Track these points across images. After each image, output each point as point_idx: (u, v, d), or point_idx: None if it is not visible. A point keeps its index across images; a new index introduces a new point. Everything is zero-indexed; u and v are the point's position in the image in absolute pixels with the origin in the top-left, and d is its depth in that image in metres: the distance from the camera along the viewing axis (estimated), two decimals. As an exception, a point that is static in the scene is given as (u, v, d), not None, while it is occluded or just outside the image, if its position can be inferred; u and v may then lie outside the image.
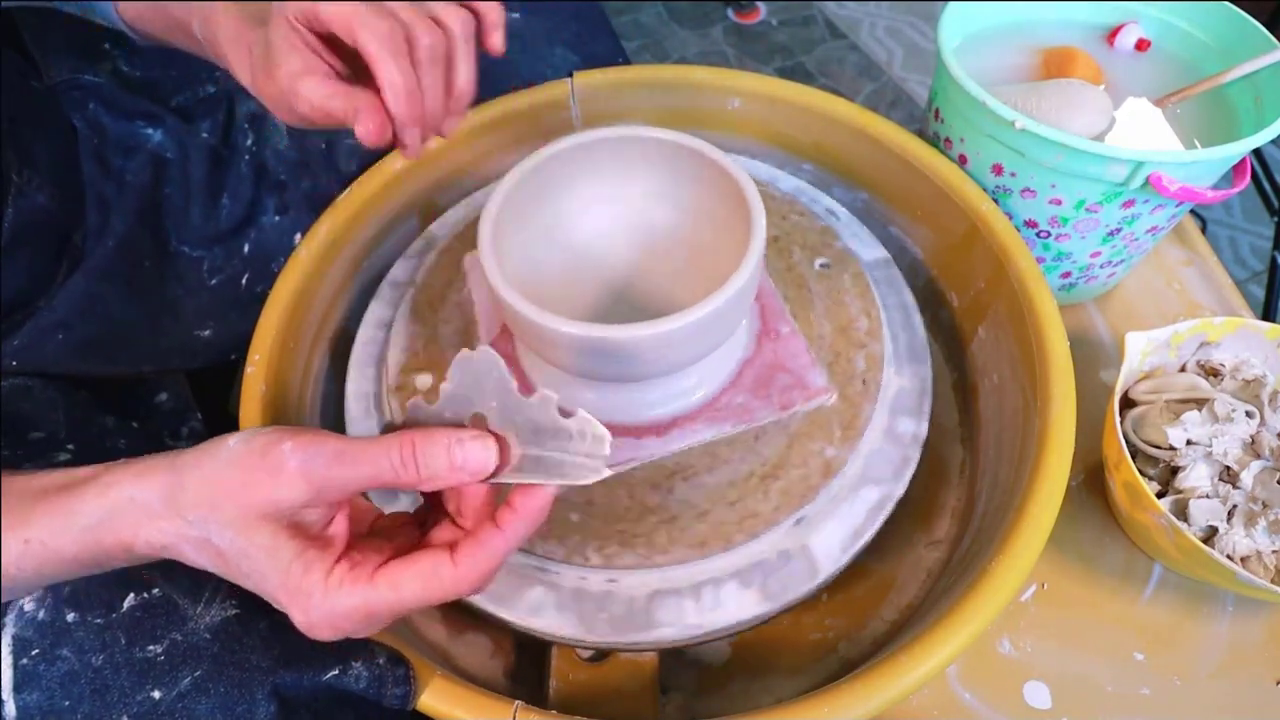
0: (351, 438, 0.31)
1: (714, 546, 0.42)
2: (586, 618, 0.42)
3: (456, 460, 0.31)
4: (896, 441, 0.47)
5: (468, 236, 0.55)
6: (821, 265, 0.52)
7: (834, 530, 0.44)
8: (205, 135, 0.60)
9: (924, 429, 0.47)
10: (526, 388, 0.47)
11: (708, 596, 0.42)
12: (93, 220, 0.56)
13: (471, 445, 0.31)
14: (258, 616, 0.36)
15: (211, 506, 0.30)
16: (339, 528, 0.32)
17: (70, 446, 0.43)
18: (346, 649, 0.36)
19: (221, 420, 0.59)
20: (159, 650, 0.33)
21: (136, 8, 0.51)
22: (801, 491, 0.43)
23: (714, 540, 0.42)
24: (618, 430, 0.45)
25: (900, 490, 0.45)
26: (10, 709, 0.32)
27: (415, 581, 0.31)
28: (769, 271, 0.52)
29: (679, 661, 0.50)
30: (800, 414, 0.46)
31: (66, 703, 0.32)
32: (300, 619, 0.30)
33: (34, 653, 0.33)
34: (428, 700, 0.37)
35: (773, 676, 0.50)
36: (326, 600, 0.30)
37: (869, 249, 0.56)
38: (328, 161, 0.61)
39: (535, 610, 0.42)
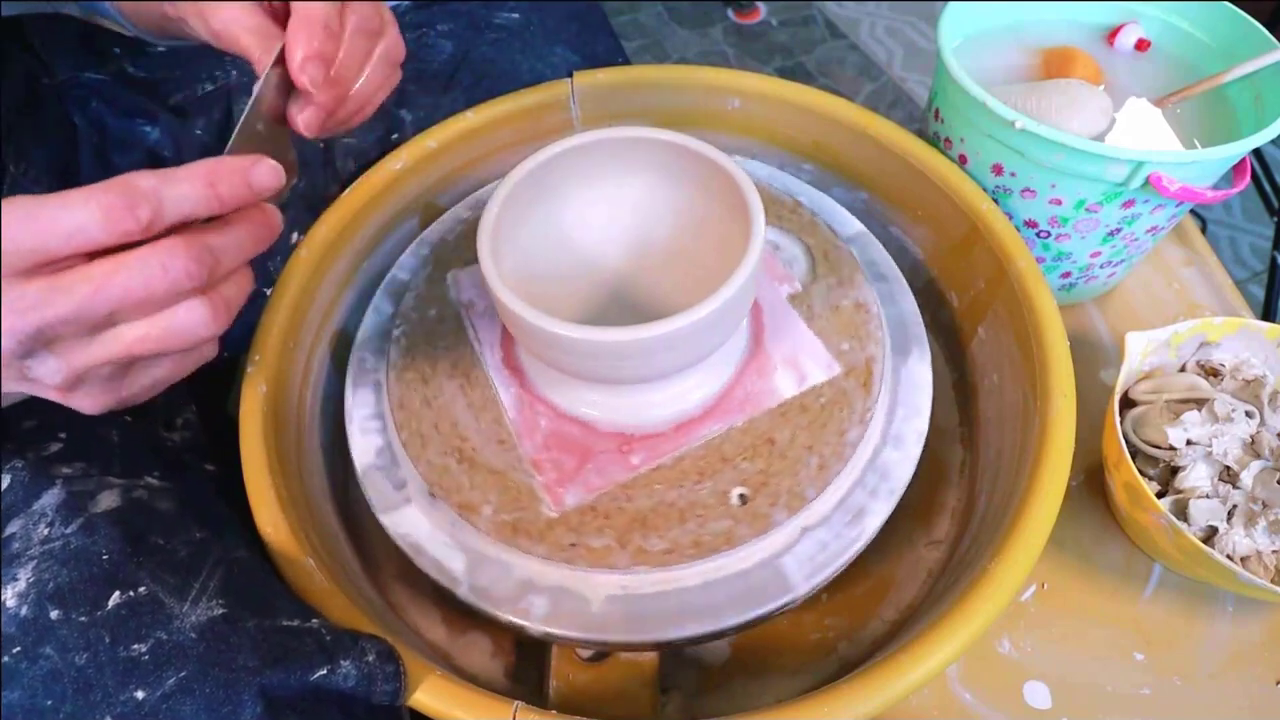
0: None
1: (721, 545, 0.42)
2: (598, 620, 0.42)
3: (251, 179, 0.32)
4: (898, 436, 0.47)
5: (467, 239, 0.55)
6: (819, 262, 0.52)
7: (839, 525, 0.44)
8: (200, 133, 0.60)
9: (925, 423, 0.47)
10: (526, 388, 0.47)
11: (803, 549, 0.43)
12: None
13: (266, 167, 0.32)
14: (245, 616, 0.35)
15: None
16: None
17: (62, 435, 0.43)
18: (335, 648, 0.36)
19: (217, 416, 0.59)
20: (144, 649, 0.33)
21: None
22: (808, 485, 0.43)
23: (721, 539, 0.42)
24: (622, 433, 0.45)
25: (903, 484, 0.45)
26: None
27: (20, 197, 0.28)
28: (766, 268, 0.52)
29: (679, 661, 0.50)
30: (803, 409, 0.46)
31: (49, 702, 0.32)
32: None
33: (15, 650, 0.32)
34: (427, 700, 0.37)
35: (773, 676, 0.50)
36: None
37: (866, 247, 0.56)
38: (325, 161, 0.61)
39: (546, 615, 0.42)
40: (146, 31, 0.53)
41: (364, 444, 0.48)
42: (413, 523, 0.45)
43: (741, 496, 0.43)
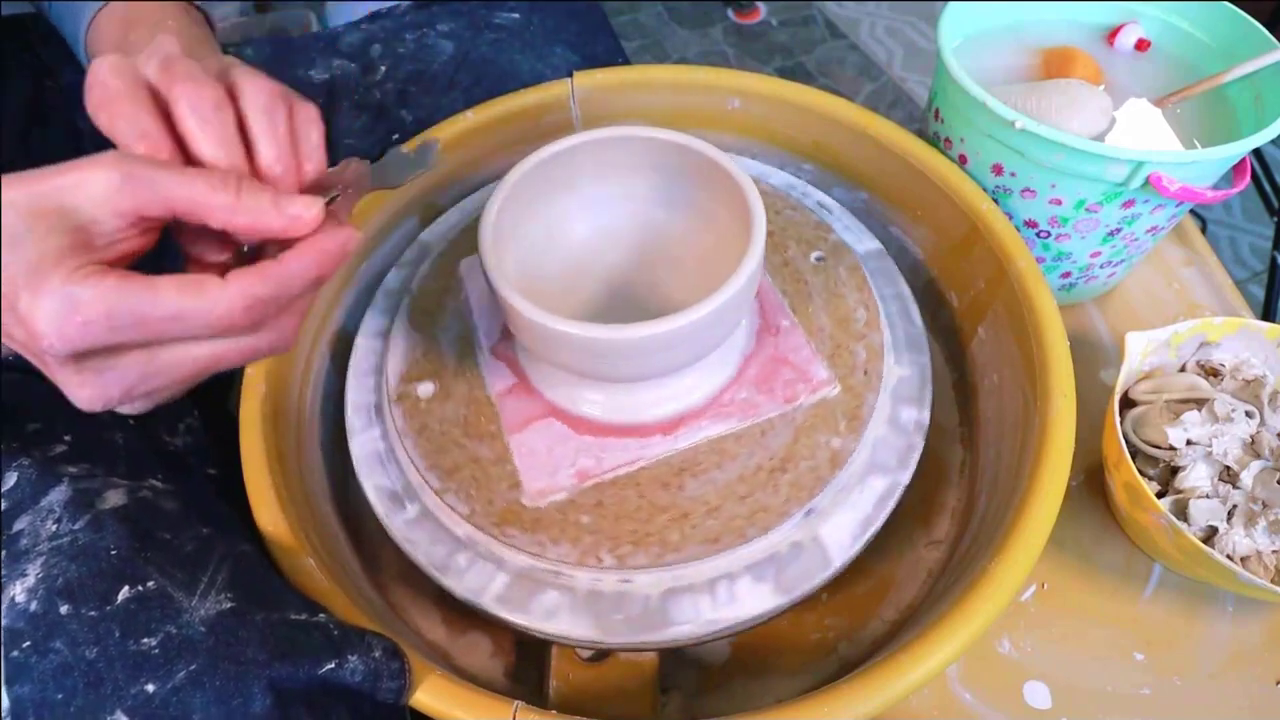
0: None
1: (726, 542, 0.42)
2: (602, 620, 0.42)
3: (282, 204, 0.31)
4: (900, 430, 0.47)
5: (465, 240, 0.55)
6: (817, 259, 0.52)
7: (844, 520, 0.44)
8: None
9: (926, 416, 0.47)
10: (527, 386, 0.47)
11: (722, 592, 0.42)
12: None
13: (302, 198, 0.31)
14: (253, 609, 0.36)
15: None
16: (129, 246, 0.31)
17: (67, 438, 0.43)
18: (343, 642, 0.36)
19: (220, 418, 0.59)
20: (153, 643, 0.33)
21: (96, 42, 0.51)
22: (810, 483, 0.43)
23: (726, 535, 0.42)
24: (623, 430, 0.45)
25: (906, 478, 0.45)
26: (4, 702, 0.32)
27: (172, 287, 0.28)
28: (766, 267, 0.52)
29: (679, 661, 0.50)
30: (804, 406, 0.46)
31: (59, 695, 0.32)
32: (26, 309, 0.28)
33: (25, 645, 0.33)
34: (428, 700, 0.37)
35: (773, 676, 0.50)
36: (64, 286, 0.27)
37: (862, 241, 0.56)
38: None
39: (550, 614, 0.42)
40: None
41: (364, 443, 0.48)
42: (412, 521, 0.45)
43: (750, 490, 0.43)
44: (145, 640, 0.33)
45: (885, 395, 0.47)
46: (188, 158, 0.33)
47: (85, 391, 0.31)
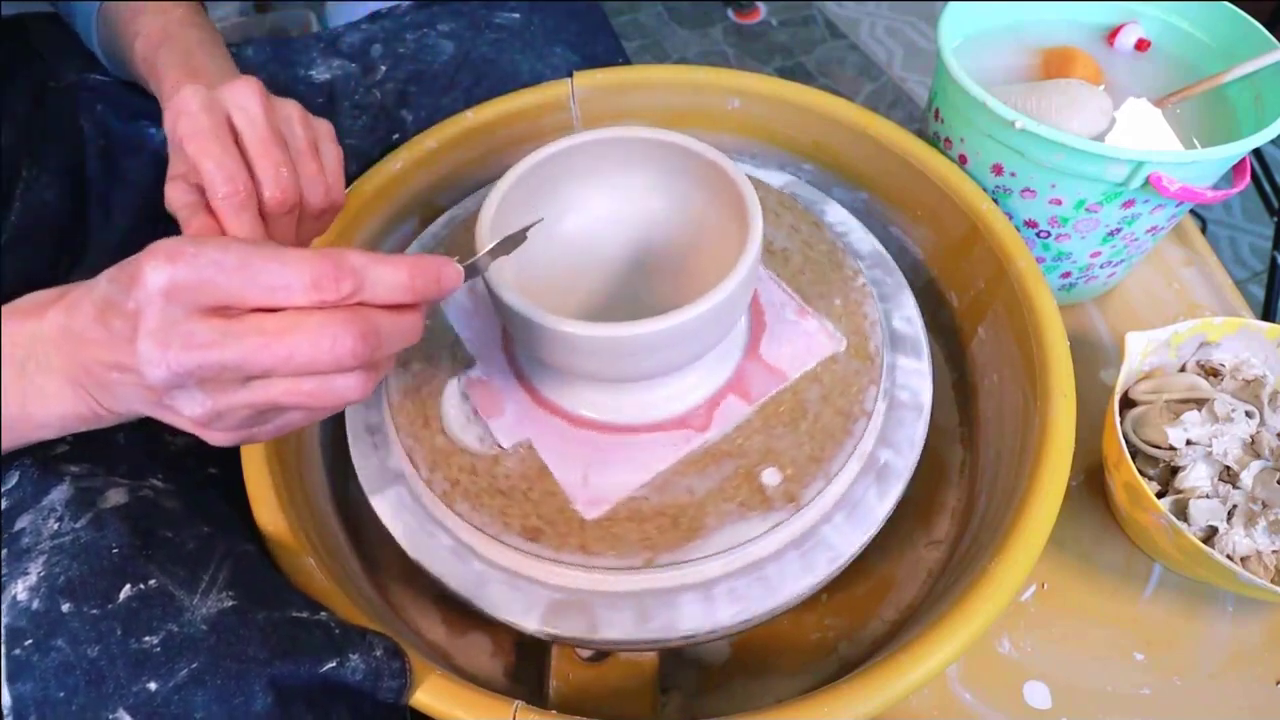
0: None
1: (724, 539, 0.41)
2: (600, 617, 0.41)
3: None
4: (900, 423, 0.46)
5: (465, 238, 0.55)
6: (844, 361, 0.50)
7: (846, 519, 0.44)
8: None
9: (923, 425, 0.47)
10: (526, 387, 0.47)
11: (721, 591, 0.42)
12: (95, 219, 0.56)
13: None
14: (254, 608, 0.36)
15: None
16: None
17: (68, 438, 0.43)
18: (344, 641, 0.36)
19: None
20: (155, 641, 0.33)
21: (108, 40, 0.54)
22: (812, 478, 0.43)
23: (724, 533, 0.41)
24: (620, 429, 0.45)
25: (908, 469, 0.45)
26: (5, 699, 0.32)
27: (235, 240, 0.29)
28: (768, 263, 0.52)
29: (679, 661, 0.50)
30: (809, 390, 0.46)
31: (61, 694, 0.32)
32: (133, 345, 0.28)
33: (27, 643, 0.33)
34: (428, 699, 0.37)
35: (773, 676, 0.50)
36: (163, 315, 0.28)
37: (865, 243, 0.56)
38: None
39: (539, 612, 0.42)
40: (108, 61, 0.56)
41: (363, 442, 0.48)
42: (412, 520, 0.45)
43: (750, 488, 0.43)
44: (147, 638, 0.33)
45: (884, 394, 0.47)
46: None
47: (208, 425, 0.31)
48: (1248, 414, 0.51)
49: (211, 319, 0.28)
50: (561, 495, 0.43)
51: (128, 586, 0.35)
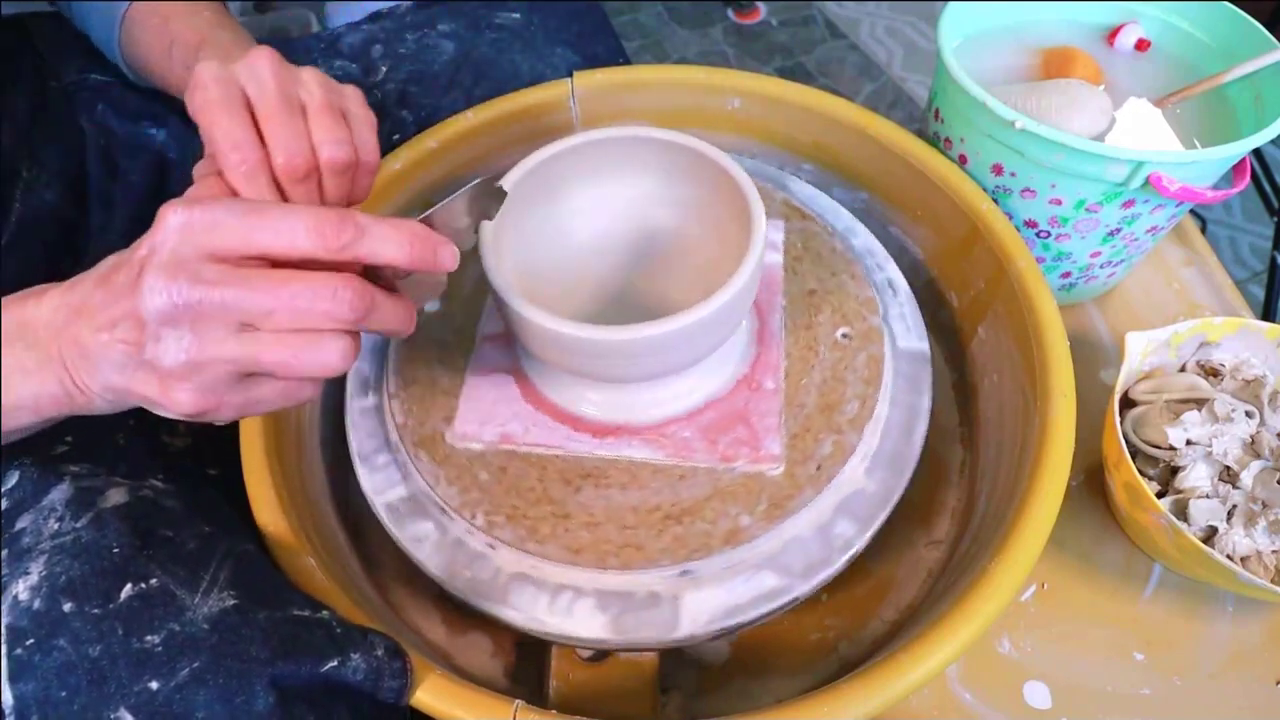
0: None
1: (587, 558, 0.41)
2: (454, 573, 0.43)
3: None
4: (825, 542, 0.43)
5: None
6: (842, 335, 0.49)
7: (711, 597, 0.42)
8: None
9: (862, 542, 0.43)
10: (526, 386, 0.47)
11: (563, 601, 0.42)
12: (96, 219, 0.56)
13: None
14: (256, 607, 0.36)
15: None
16: None
17: (69, 439, 0.43)
18: (346, 640, 0.36)
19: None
20: (157, 641, 0.33)
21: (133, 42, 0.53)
22: (696, 546, 0.41)
23: (590, 553, 0.41)
24: (562, 417, 0.45)
25: (804, 590, 0.42)
26: (7, 699, 0.32)
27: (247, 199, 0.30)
28: (787, 325, 0.49)
29: (679, 661, 0.50)
30: (737, 471, 0.44)
31: (63, 693, 0.32)
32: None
33: (29, 643, 0.33)
34: (428, 699, 0.37)
35: (773, 676, 0.50)
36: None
37: (909, 338, 0.51)
38: None
39: (417, 542, 0.44)
40: (131, 68, 0.56)
41: (363, 442, 0.48)
42: (410, 519, 0.45)
43: (637, 523, 0.42)
44: (148, 638, 0.33)
45: (828, 499, 0.44)
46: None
47: (183, 378, 0.31)
48: (1248, 414, 0.51)
49: (220, 263, 0.30)
50: (535, 487, 0.43)
51: (129, 586, 0.35)
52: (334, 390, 0.55)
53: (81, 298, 0.32)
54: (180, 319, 0.30)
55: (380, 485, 0.46)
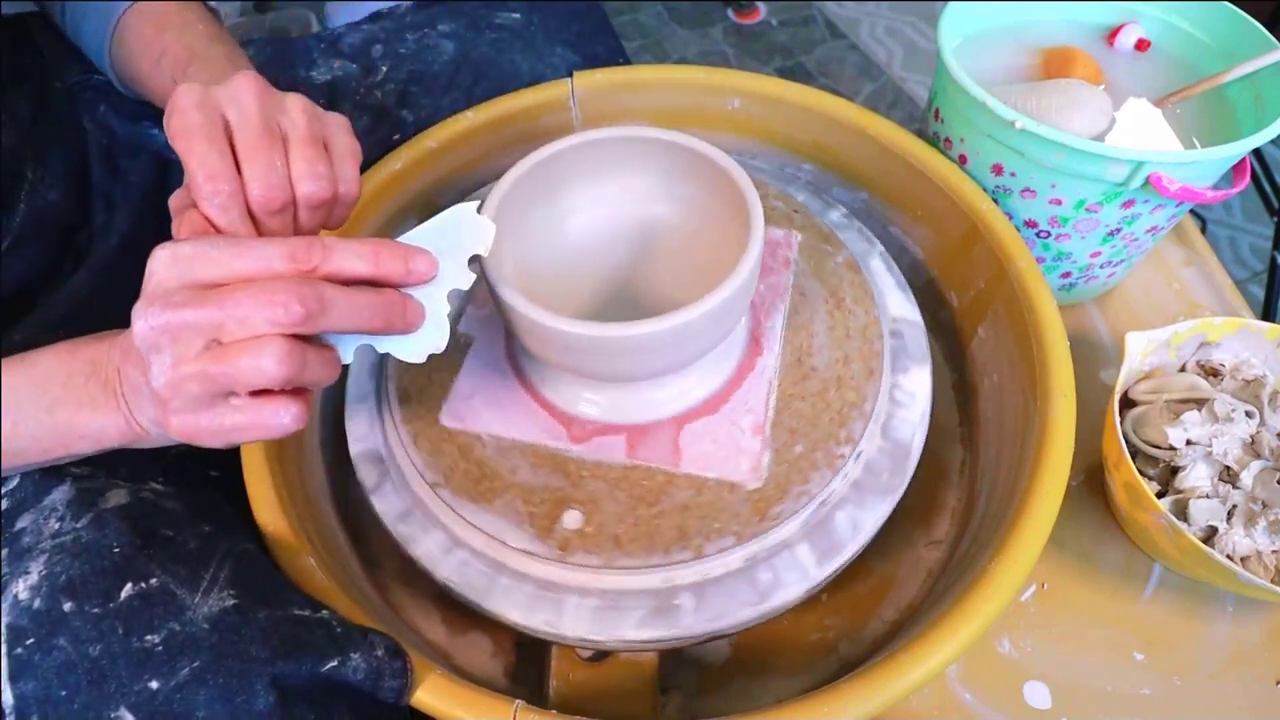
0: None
1: (586, 558, 0.42)
2: (450, 571, 0.43)
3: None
4: (822, 544, 0.43)
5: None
6: (843, 339, 0.48)
7: (708, 599, 0.41)
8: None
9: (860, 544, 0.43)
10: (527, 385, 0.47)
11: (560, 601, 0.42)
12: (98, 219, 0.56)
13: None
14: (256, 606, 0.36)
15: None
16: None
17: None
18: (346, 640, 0.36)
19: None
20: (157, 640, 0.33)
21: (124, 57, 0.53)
22: (694, 547, 0.41)
23: (589, 553, 0.42)
24: (623, 430, 0.45)
25: (803, 592, 0.42)
26: (7, 698, 0.32)
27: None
28: (787, 327, 0.49)
29: (679, 661, 0.50)
30: (732, 472, 0.43)
31: (63, 692, 0.32)
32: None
33: (29, 642, 0.33)
34: (428, 699, 0.37)
35: (773, 676, 0.50)
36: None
37: (924, 365, 0.50)
38: None
39: (375, 489, 0.45)
40: (120, 78, 0.55)
41: (363, 440, 0.48)
42: (410, 518, 0.45)
43: (748, 492, 0.43)
44: (149, 637, 0.33)
45: (825, 500, 0.43)
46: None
47: (167, 400, 0.32)
48: (1248, 414, 0.51)
49: (193, 289, 0.31)
50: (536, 486, 0.43)
51: (129, 585, 0.35)
52: (334, 392, 0.55)
53: (126, 336, 0.35)
54: (160, 343, 0.31)
55: (379, 485, 0.46)
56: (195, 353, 0.31)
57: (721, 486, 0.43)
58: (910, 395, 0.48)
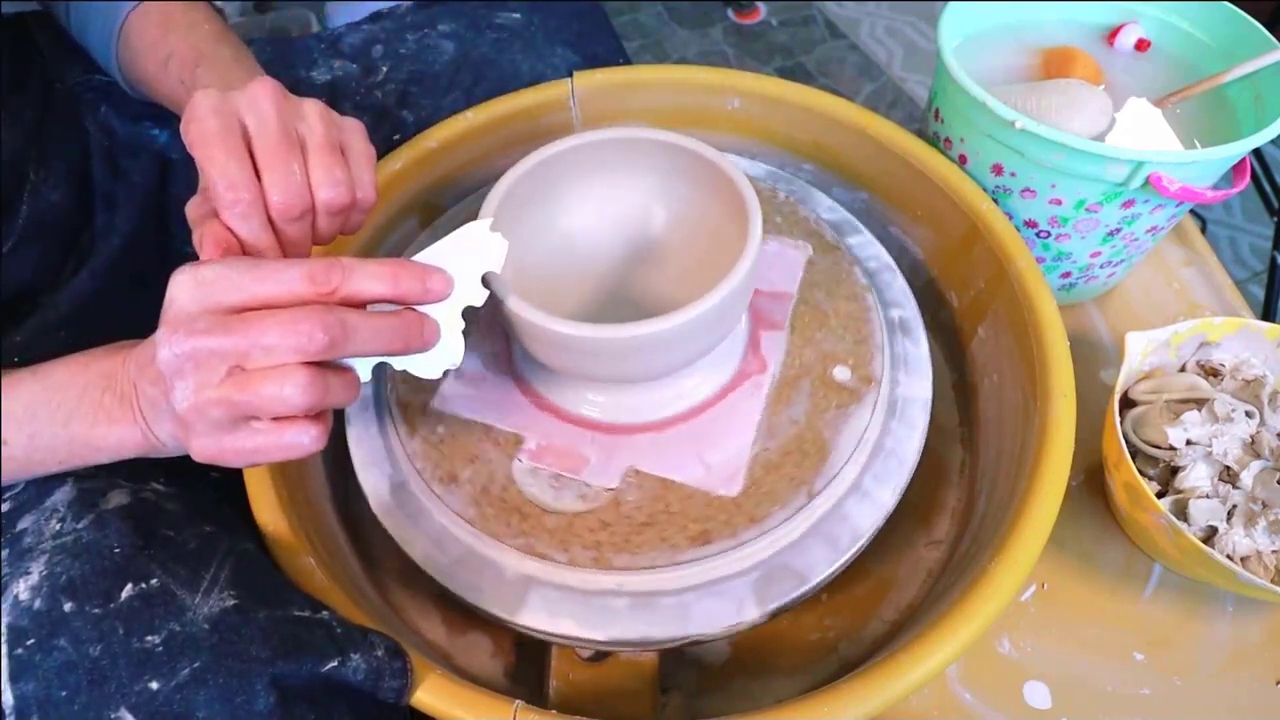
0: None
1: (585, 557, 0.42)
2: (449, 570, 0.43)
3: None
4: (822, 545, 0.42)
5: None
6: (840, 378, 0.47)
7: (707, 600, 0.41)
8: None
9: (859, 545, 0.43)
10: (526, 387, 0.47)
11: (558, 601, 0.42)
12: (100, 220, 0.56)
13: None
14: (256, 607, 0.36)
15: None
16: None
17: None
18: (346, 641, 0.36)
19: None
20: (157, 641, 0.33)
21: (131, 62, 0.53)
22: (693, 548, 0.41)
23: (588, 553, 0.42)
24: (624, 430, 0.45)
25: (800, 594, 0.42)
26: (7, 698, 0.32)
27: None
28: (787, 329, 0.49)
29: (679, 661, 0.50)
30: (731, 473, 0.43)
31: (64, 693, 0.32)
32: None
33: (29, 642, 0.33)
34: (428, 699, 0.37)
35: (773, 676, 0.50)
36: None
37: (911, 371, 0.50)
38: None
39: (363, 468, 0.46)
40: (126, 79, 0.55)
41: (363, 441, 0.48)
42: (409, 518, 0.45)
43: (747, 492, 0.43)
44: (149, 638, 0.33)
45: (885, 390, 0.46)
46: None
47: (190, 425, 0.33)
48: (1248, 414, 0.51)
49: (216, 314, 0.32)
50: (536, 485, 0.43)
51: (129, 586, 0.35)
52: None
53: (141, 350, 0.36)
54: (184, 369, 0.31)
55: (378, 484, 0.46)
56: (219, 379, 0.31)
57: (719, 489, 0.43)
58: (910, 396, 0.48)
